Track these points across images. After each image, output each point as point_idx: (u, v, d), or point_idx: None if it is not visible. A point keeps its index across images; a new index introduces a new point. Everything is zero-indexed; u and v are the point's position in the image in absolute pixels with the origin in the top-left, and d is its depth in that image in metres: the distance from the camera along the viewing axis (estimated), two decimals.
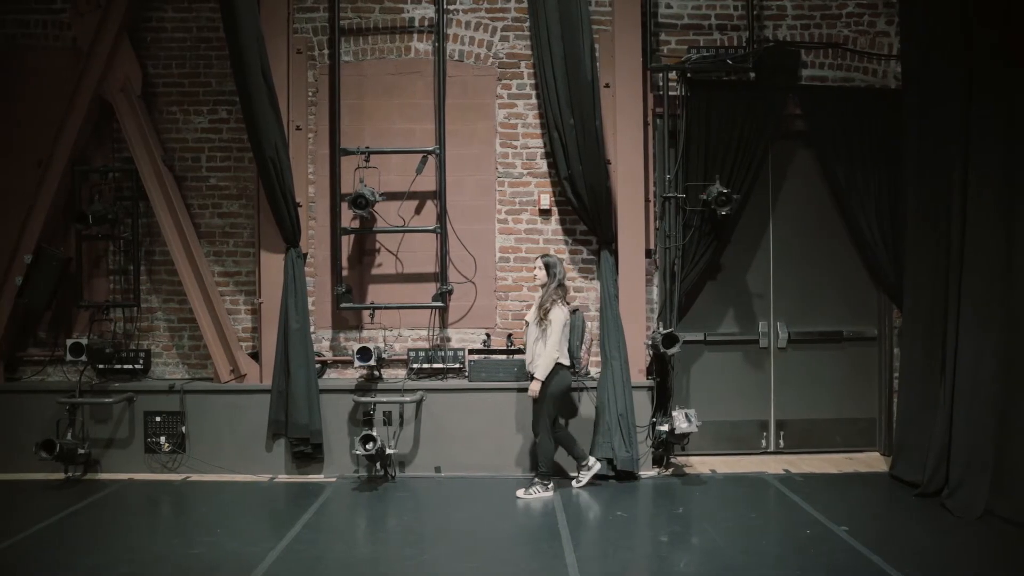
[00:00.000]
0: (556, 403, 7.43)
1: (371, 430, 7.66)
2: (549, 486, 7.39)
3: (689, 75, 8.24)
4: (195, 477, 8.06)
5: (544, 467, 7.40)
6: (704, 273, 8.35)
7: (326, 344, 8.44)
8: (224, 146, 8.60)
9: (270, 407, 7.98)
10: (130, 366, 8.45)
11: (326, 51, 8.45)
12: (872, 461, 8.35)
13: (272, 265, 8.12)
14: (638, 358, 8.03)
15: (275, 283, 8.08)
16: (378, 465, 7.88)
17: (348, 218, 8.23)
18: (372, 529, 6.92)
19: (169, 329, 8.65)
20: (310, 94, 8.45)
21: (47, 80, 8.54)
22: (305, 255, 8.24)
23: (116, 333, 8.61)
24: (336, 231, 8.28)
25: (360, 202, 7.89)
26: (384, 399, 7.93)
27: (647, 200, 8.20)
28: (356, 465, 8.02)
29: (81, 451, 8.06)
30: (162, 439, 8.16)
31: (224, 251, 8.58)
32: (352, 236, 8.37)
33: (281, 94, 8.03)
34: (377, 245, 8.41)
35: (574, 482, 7.58)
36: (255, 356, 8.32)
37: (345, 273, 8.34)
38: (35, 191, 8.37)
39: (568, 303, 7.48)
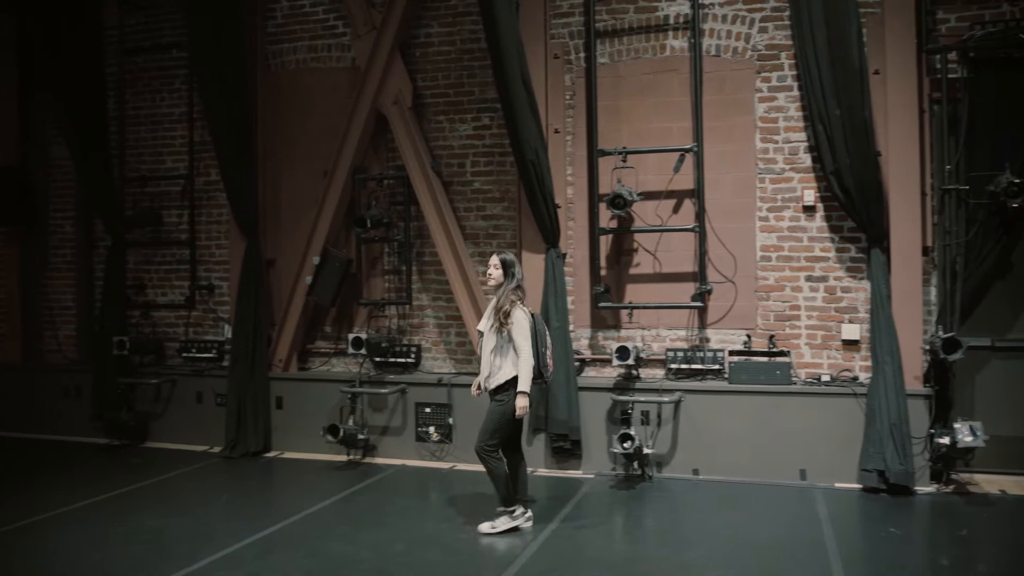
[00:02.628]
0: (514, 422, 6.51)
1: (629, 429, 7.69)
2: (516, 512, 6.48)
3: (972, 55, 7.54)
4: (460, 466, 8.50)
5: (503, 491, 6.46)
6: (991, 272, 7.59)
7: (584, 342, 8.59)
8: (487, 151, 8.98)
9: (530, 402, 8.20)
10: (403, 360, 9.08)
11: (582, 54, 8.59)
12: None
13: (533, 265, 8.35)
14: (913, 364, 7.45)
15: (536, 283, 8.30)
16: (635, 464, 7.91)
17: (606, 218, 8.32)
18: (629, 527, 6.97)
19: (438, 326, 9.17)
20: (567, 97, 8.62)
21: (331, 97, 9.42)
22: (564, 255, 8.42)
23: (391, 329, 9.27)
24: (594, 231, 8.39)
25: (618, 202, 7.95)
26: (642, 398, 7.94)
27: (923, 193, 7.58)
28: (613, 463, 8.09)
29: (360, 436, 8.77)
30: (431, 429, 8.69)
31: (488, 252, 8.86)
32: (610, 236, 8.45)
33: (540, 99, 8.23)
34: (635, 244, 8.44)
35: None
36: None
37: (603, 272, 8.44)
38: (321, 198, 9.23)
39: (526, 307, 6.54)
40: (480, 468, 8.21)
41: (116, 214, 10.12)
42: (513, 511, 6.51)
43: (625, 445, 7.58)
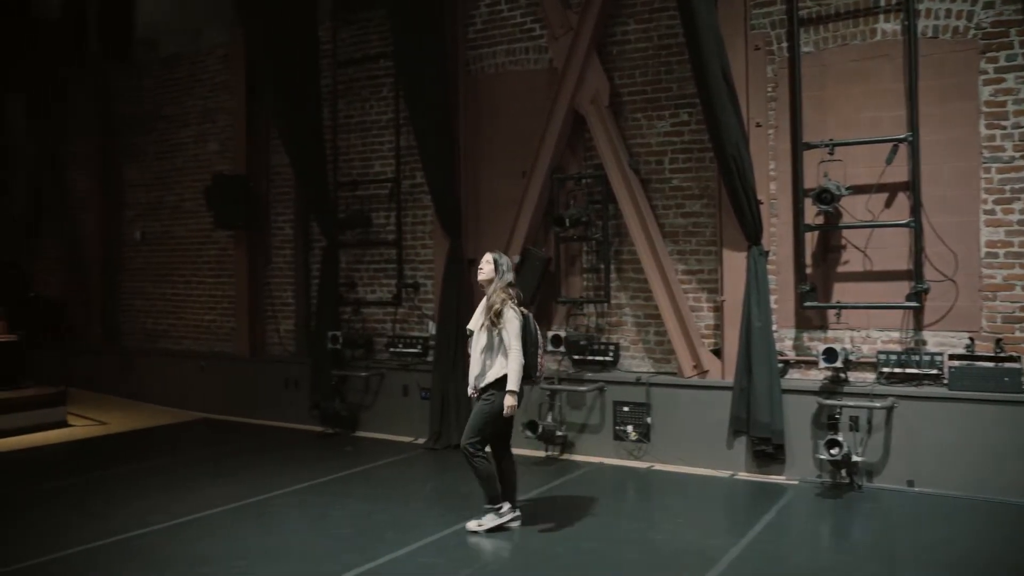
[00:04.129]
0: (501, 421, 6.46)
1: (836, 435, 7.35)
2: (503, 509, 6.50)
3: None
4: (658, 466, 8.43)
5: (488, 490, 6.49)
6: None
7: (788, 343, 8.28)
8: (686, 148, 8.84)
9: (732, 404, 8.05)
10: (601, 358, 9.09)
11: (784, 44, 8.28)
12: None
13: (734, 263, 8.18)
14: None
15: (737, 281, 8.13)
16: (843, 472, 7.55)
17: (811, 214, 7.98)
18: (836, 539, 6.70)
19: (636, 324, 9.13)
20: (769, 89, 8.34)
21: (528, 98, 9.59)
22: (767, 253, 8.14)
23: (589, 327, 9.33)
24: (799, 228, 8.08)
25: (824, 197, 7.61)
26: (851, 403, 7.55)
27: None
28: (819, 470, 7.75)
29: (559, 433, 8.88)
30: (629, 428, 8.66)
31: (687, 250, 8.83)
32: (816, 232, 8.09)
33: (740, 92, 8.03)
34: (842, 241, 8.04)
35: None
36: (717, 353, 8.47)
37: (808, 271, 8.11)
38: (521, 198, 9.43)
39: (519, 306, 6.48)
40: (678, 470, 8.28)
41: (330, 216, 10.81)
42: (499, 508, 6.53)
43: (832, 451, 7.27)
